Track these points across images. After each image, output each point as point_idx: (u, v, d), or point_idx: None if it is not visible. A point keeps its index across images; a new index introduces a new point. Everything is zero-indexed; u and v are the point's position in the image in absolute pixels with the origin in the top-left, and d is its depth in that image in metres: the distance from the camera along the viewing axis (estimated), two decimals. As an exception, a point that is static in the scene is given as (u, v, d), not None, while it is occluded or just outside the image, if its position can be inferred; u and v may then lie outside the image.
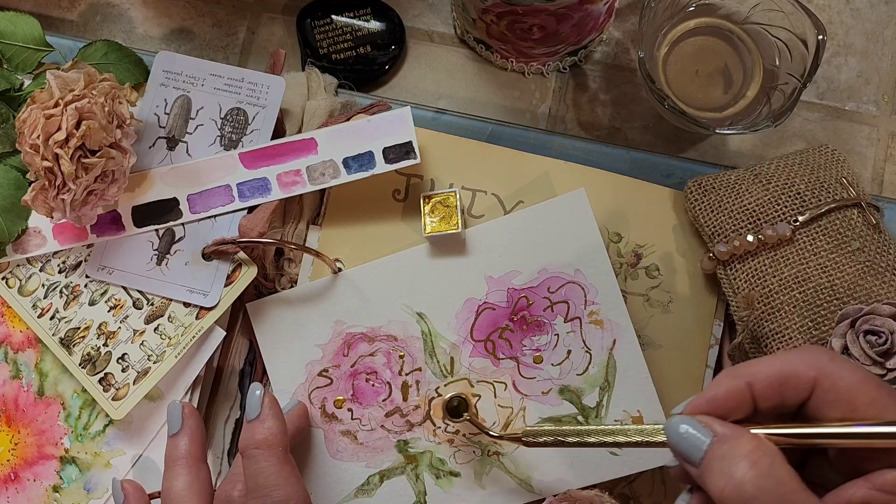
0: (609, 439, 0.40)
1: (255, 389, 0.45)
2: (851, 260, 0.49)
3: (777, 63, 0.55)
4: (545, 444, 0.42)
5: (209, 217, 0.53)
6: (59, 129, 0.48)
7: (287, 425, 0.45)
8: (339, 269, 0.53)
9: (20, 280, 0.54)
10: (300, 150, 0.53)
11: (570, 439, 0.41)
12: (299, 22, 0.61)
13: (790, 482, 0.33)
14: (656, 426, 0.38)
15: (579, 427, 0.41)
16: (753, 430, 0.35)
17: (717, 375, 0.37)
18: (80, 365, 0.52)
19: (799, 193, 0.50)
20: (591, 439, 0.40)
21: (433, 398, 0.51)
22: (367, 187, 0.54)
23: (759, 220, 0.50)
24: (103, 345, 0.52)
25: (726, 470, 0.34)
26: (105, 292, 0.53)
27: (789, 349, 0.37)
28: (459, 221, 0.51)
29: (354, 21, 0.61)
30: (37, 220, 0.54)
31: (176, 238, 0.53)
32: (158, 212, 0.53)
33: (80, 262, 0.54)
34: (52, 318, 0.53)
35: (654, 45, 0.57)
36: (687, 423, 0.36)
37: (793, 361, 0.36)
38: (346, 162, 0.53)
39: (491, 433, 0.47)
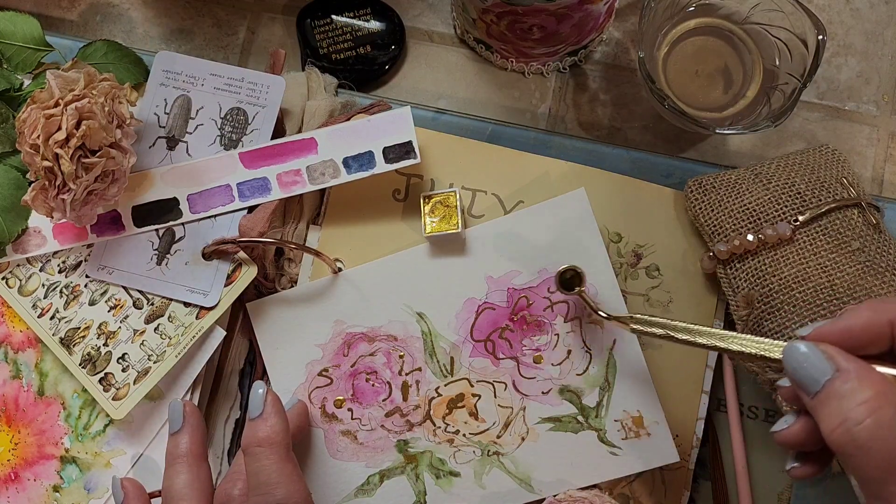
0: (721, 344, 0.37)
1: (258, 388, 0.46)
2: (851, 260, 0.49)
3: (777, 63, 0.55)
4: (654, 335, 0.40)
5: (209, 217, 0.53)
6: (59, 129, 0.48)
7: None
8: (339, 269, 0.53)
9: (20, 280, 0.54)
10: (300, 149, 0.53)
11: (679, 335, 0.38)
12: (299, 22, 0.61)
13: None
14: (776, 343, 0.35)
15: (691, 325, 0.38)
16: (882, 370, 0.32)
17: (856, 305, 0.34)
18: (80, 365, 0.52)
19: (799, 193, 0.50)
20: (702, 340, 0.37)
21: (433, 398, 0.51)
22: (367, 187, 0.54)
23: (759, 219, 0.50)
24: (103, 345, 0.52)
25: (843, 411, 0.31)
26: (105, 292, 0.53)
27: None
28: (459, 221, 0.51)
29: (354, 21, 0.61)
30: (37, 220, 0.54)
31: (176, 238, 0.53)
32: (158, 212, 0.53)
33: (80, 262, 0.54)
34: (52, 317, 0.53)
35: (654, 45, 0.57)
36: (810, 349, 0.33)
37: None
38: (346, 162, 0.53)
39: (600, 313, 0.44)
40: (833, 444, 0.32)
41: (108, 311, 0.53)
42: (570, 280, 0.48)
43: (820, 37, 0.51)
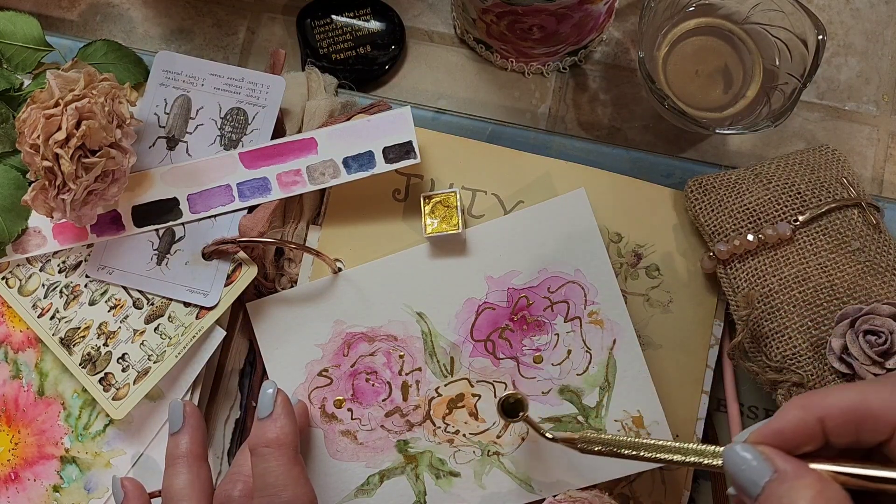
0: (664, 455, 0.38)
1: (268, 388, 0.45)
2: (851, 260, 0.49)
3: (777, 63, 0.55)
4: (599, 453, 0.41)
5: (209, 217, 0.53)
6: (59, 128, 0.48)
7: None
8: (339, 269, 0.53)
9: (20, 280, 0.54)
10: (300, 149, 0.53)
11: (624, 451, 0.39)
12: (299, 22, 0.61)
13: None
14: (716, 449, 0.36)
15: (636, 440, 0.39)
16: (820, 468, 0.33)
17: (788, 402, 0.34)
18: (80, 365, 0.52)
19: (799, 193, 0.50)
20: (646, 454, 0.38)
21: (433, 398, 0.51)
22: (368, 187, 0.54)
23: (759, 219, 0.50)
24: (103, 345, 0.52)
25: None
26: (105, 292, 0.53)
27: (872, 382, 0.34)
28: (460, 221, 0.51)
29: (354, 21, 0.61)
30: (37, 220, 0.54)
31: (176, 238, 0.53)
32: (158, 212, 0.53)
33: (80, 262, 0.54)
34: (52, 317, 0.53)
35: (654, 45, 0.57)
36: (747, 453, 0.33)
37: (872, 399, 0.33)
38: (346, 162, 0.53)
39: (546, 435, 0.45)
40: None
41: (108, 311, 0.53)
42: (513, 406, 0.47)
43: (820, 37, 0.51)
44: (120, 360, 0.52)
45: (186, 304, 0.52)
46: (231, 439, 0.53)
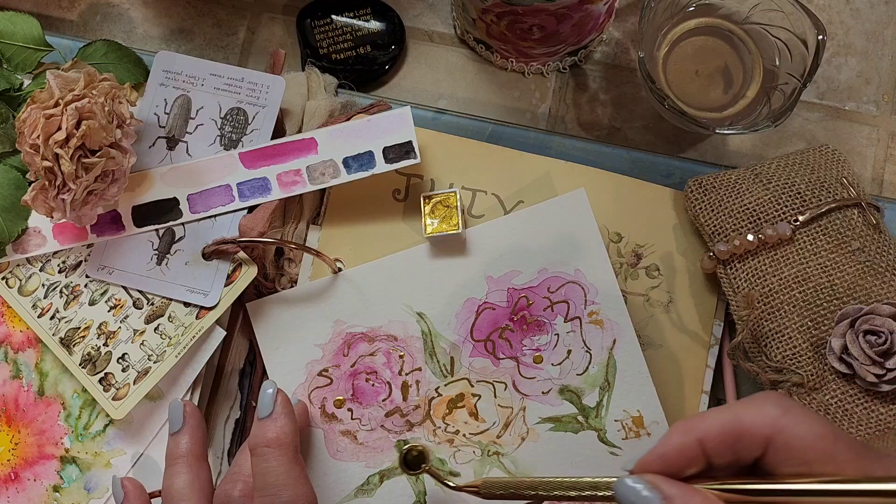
0: (561, 493, 0.39)
1: (268, 387, 0.45)
2: (851, 260, 0.49)
3: (777, 63, 0.55)
4: (502, 496, 0.42)
5: (209, 217, 0.53)
6: (59, 129, 0.48)
7: None
8: (340, 269, 0.53)
9: (20, 280, 0.54)
10: (300, 149, 0.53)
11: (525, 491, 0.41)
12: (299, 22, 0.61)
13: None
14: (609, 480, 0.37)
15: (534, 479, 0.41)
16: (705, 488, 0.34)
17: (670, 428, 0.36)
18: (80, 365, 0.52)
19: (799, 193, 0.50)
20: (544, 492, 0.40)
21: (433, 398, 0.51)
22: (368, 187, 0.54)
23: (759, 219, 0.50)
24: (103, 345, 0.52)
25: None
26: (105, 292, 0.53)
27: (744, 400, 0.36)
28: (460, 221, 0.51)
29: (354, 21, 0.61)
30: (37, 220, 0.54)
31: (176, 238, 0.53)
32: (158, 212, 0.53)
33: (80, 262, 0.54)
34: (52, 317, 0.53)
35: (654, 45, 0.57)
36: (636, 483, 0.35)
37: (745, 417, 0.34)
38: (346, 162, 0.53)
39: (449, 484, 0.45)
40: None
41: (108, 311, 0.53)
42: (416, 459, 0.46)
43: (820, 37, 0.51)
44: (120, 360, 0.52)
45: (186, 304, 0.52)
46: (231, 439, 0.53)
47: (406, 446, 0.47)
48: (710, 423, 0.35)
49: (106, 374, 0.52)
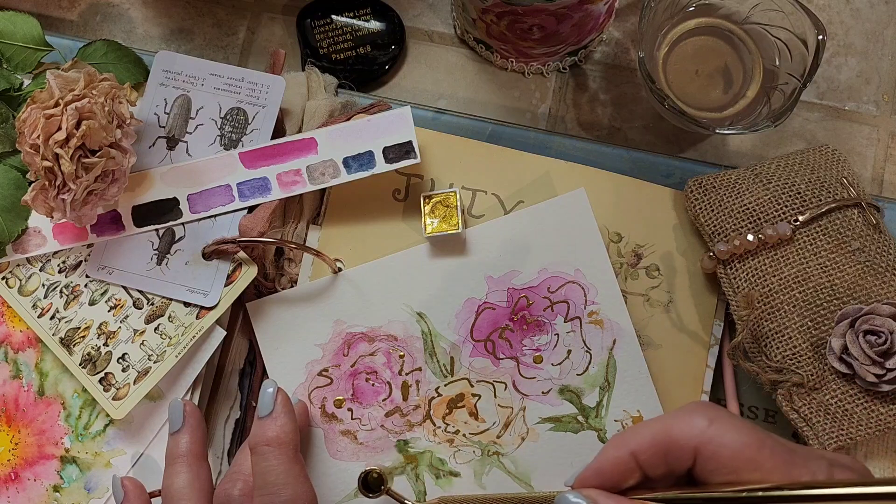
0: None
1: (268, 387, 0.45)
2: (851, 260, 0.49)
3: (777, 63, 0.55)
4: None
5: (209, 217, 0.53)
6: (59, 128, 0.48)
7: None
8: (340, 269, 0.53)
9: (20, 280, 0.54)
10: (300, 149, 0.53)
11: None
12: (299, 22, 0.61)
13: None
14: (553, 495, 0.39)
15: (486, 495, 0.43)
16: (640, 499, 0.35)
17: (607, 442, 0.37)
18: (80, 365, 0.52)
19: (799, 193, 0.50)
20: None
21: (433, 398, 0.51)
22: (368, 187, 0.54)
23: (759, 219, 0.50)
24: (103, 344, 0.52)
25: None
26: (105, 292, 0.53)
27: (674, 411, 0.37)
28: (460, 221, 0.51)
29: (354, 21, 0.61)
30: (37, 220, 0.54)
31: (176, 238, 0.53)
32: (158, 211, 0.53)
33: (80, 261, 0.54)
34: (52, 317, 0.53)
35: (654, 45, 0.57)
36: (576, 498, 0.36)
37: (673, 429, 0.35)
38: (346, 162, 0.53)
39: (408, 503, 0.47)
40: None
41: (108, 311, 0.53)
42: (376, 481, 0.47)
43: (820, 37, 0.51)
44: (120, 360, 0.52)
45: (186, 304, 0.52)
46: (231, 439, 0.53)
47: (365, 469, 0.48)
48: (642, 436, 0.36)
49: (106, 374, 0.52)
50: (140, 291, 0.53)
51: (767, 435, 0.35)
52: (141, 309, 0.53)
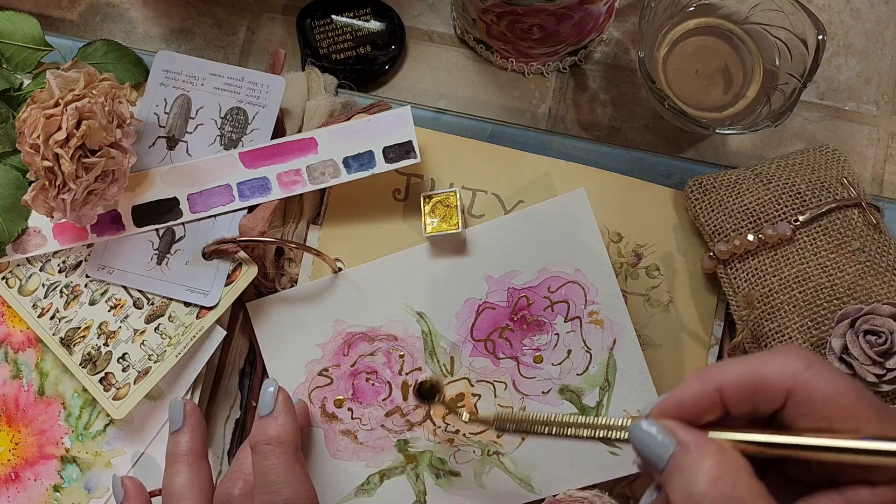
0: (573, 431, 0.39)
1: (269, 386, 0.46)
2: (851, 260, 0.49)
3: (777, 63, 0.55)
4: (514, 431, 0.42)
5: (209, 217, 0.53)
6: (60, 128, 0.48)
7: None
8: (340, 269, 0.53)
9: (20, 280, 0.54)
10: (300, 149, 0.53)
11: (537, 428, 0.41)
12: (299, 22, 0.61)
13: (753, 501, 0.31)
14: (624, 422, 0.37)
15: (547, 418, 0.41)
16: (720, 437, 0.34)
17: (689, 375, 0.35)
18: (80, 364, 0.52)
19: (799, 193, 0.50)
20: (557, 430, 0.40)
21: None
22: (368, 187, 0.54)
23: (759, 219, 0.50)
24: (104, 344, 0.52)
25: (686, 484, 0.32)
26: (105, 292, 0.53)
27: (766, 352, 0.35)
28: (460, 221, 0.51)
29: (354, 21, 0.61)
30: (37, 220, 0.54)
31: (176, 238, 0.53)
32: (158, 211, 0.53)
33: (81, 261, 0.54)
34: (52, 317, 0.53)
35: (654, 45, 0.57)
36: (652, 428, 0.34)
37: (766, 369, 0.34)
38: (346, 161, 0.53)
39: (463, 417, 0.46)
40: None
41: (109, 311, 0.53)
42: (430, 390, 0.47)
43: (820, 37, 0.51)
44: (120, 360, 0.52)
45: (187, 304, 0.52)
46: (231, 439, 0.53)
47: (420, 378, 0.47)
48: (730, 372, 0.34)
49: (106, 373, 0.52)
50: (140, 291, 0.53)
51: (865, 387, 0.34)
52: (141, 309, 0.53)
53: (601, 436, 0.38)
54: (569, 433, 0.39)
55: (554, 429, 0.40)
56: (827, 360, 0.35)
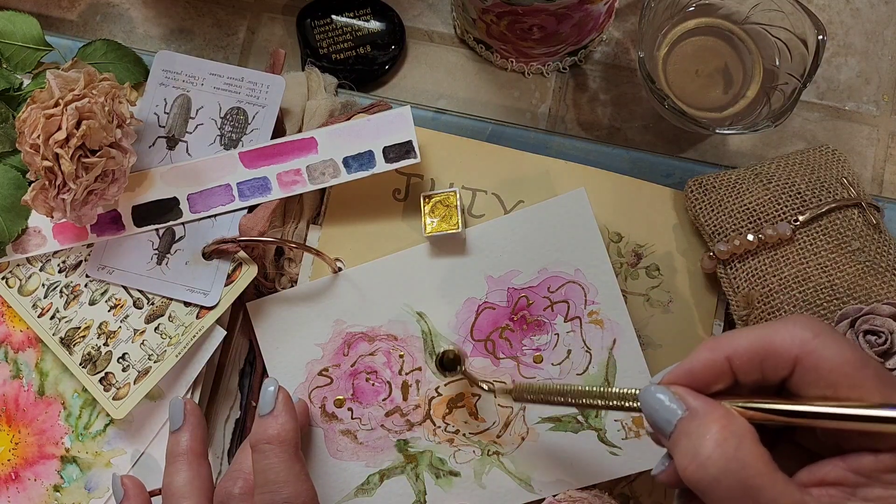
0: (588, 400, 0.40)
1: (269, 385, 0.46)
2: (851, 260, 0.49)
3: (777, 63, 0.55)
4: (532, 401, 0.44)
5: (209, 216, 0.53)
6: (60, 128, 0.48)
7: None
8: (340, 269, 0.53)
9: (20, 280, 0.54)
10: (300, 149, 0.53)
11: (554, 398, 0.42)
12: (299, 22, 0.61)
13: (756, 466, 0.32)
14: (636, 391, 0.37)
15: (564, 387, 0.42)
16: (727, 404, 0.34)
17: (699, 345, 0.36)
18: (80, 364, 0.52)
19: (799, 193, 0.51)
20: (573, 399, 0.41)
21: (433, 397, 0.51)
22: (368, 187, 0.54)
23: (759, 219, 0.50)
24: (104, 344, 0.52)
25: (692, 448, 0.33)
26: (105, 292, 0.53)
27: (775, 321, 0.36)
28: (459, 221, 0.51)
29: (354, 21, 0.61)
30: (37, 220, 0.54)
31: (176, 237, 0.53)
32: (158, 211, 0.53)
33: (81, 261, 0.54)
34: (52, 317, 0.53)
35: (654, 45, 0.57)
36: (661, 394, 0.35)
37: (775, 337, 0.34)
38: (346, 161, 0.53)
39: (483, 386, 0.47)
40: (689, 482, 0.33)
41: (109, 311, 0.53)
42: (452, 362, 0.48)
43: (820, 37, 0.51)
44: (120, 360, 0.52)
45: (187, 304, 0.52)
46: (231, 439, 0.53)
47: (443, 349, 0.48)
48: (740, 342, 0.35)
49: (106, 373, 0.52)
50: (140, 291, 0.53)
51: (871, 356, 0.34)
52: (141, 309, 0.53)
53: (614, 404, 0.39)
54: (584, 402, 0.40)
55: (570, 398, 0.41)
56: (835, 329, 0.35)
